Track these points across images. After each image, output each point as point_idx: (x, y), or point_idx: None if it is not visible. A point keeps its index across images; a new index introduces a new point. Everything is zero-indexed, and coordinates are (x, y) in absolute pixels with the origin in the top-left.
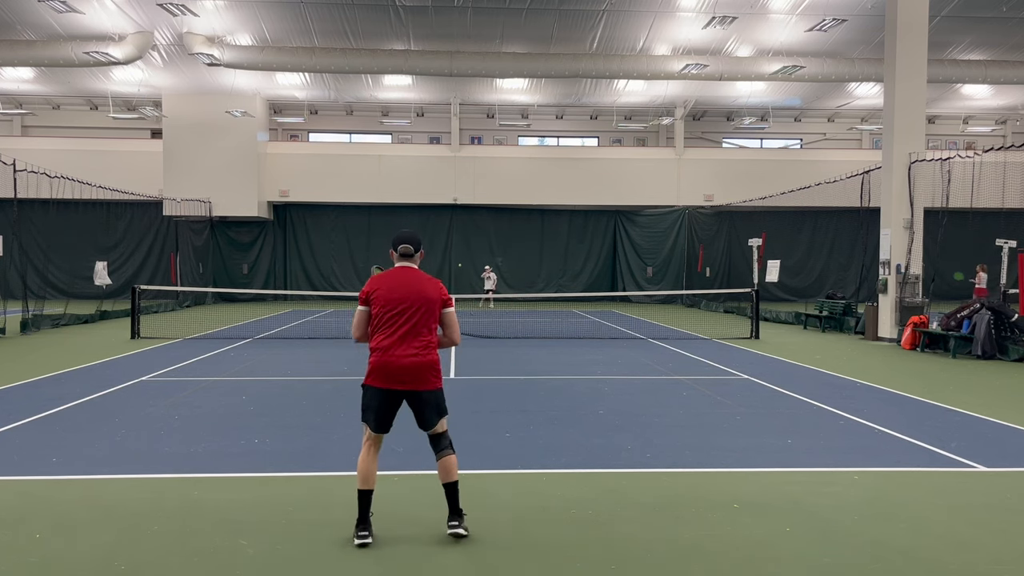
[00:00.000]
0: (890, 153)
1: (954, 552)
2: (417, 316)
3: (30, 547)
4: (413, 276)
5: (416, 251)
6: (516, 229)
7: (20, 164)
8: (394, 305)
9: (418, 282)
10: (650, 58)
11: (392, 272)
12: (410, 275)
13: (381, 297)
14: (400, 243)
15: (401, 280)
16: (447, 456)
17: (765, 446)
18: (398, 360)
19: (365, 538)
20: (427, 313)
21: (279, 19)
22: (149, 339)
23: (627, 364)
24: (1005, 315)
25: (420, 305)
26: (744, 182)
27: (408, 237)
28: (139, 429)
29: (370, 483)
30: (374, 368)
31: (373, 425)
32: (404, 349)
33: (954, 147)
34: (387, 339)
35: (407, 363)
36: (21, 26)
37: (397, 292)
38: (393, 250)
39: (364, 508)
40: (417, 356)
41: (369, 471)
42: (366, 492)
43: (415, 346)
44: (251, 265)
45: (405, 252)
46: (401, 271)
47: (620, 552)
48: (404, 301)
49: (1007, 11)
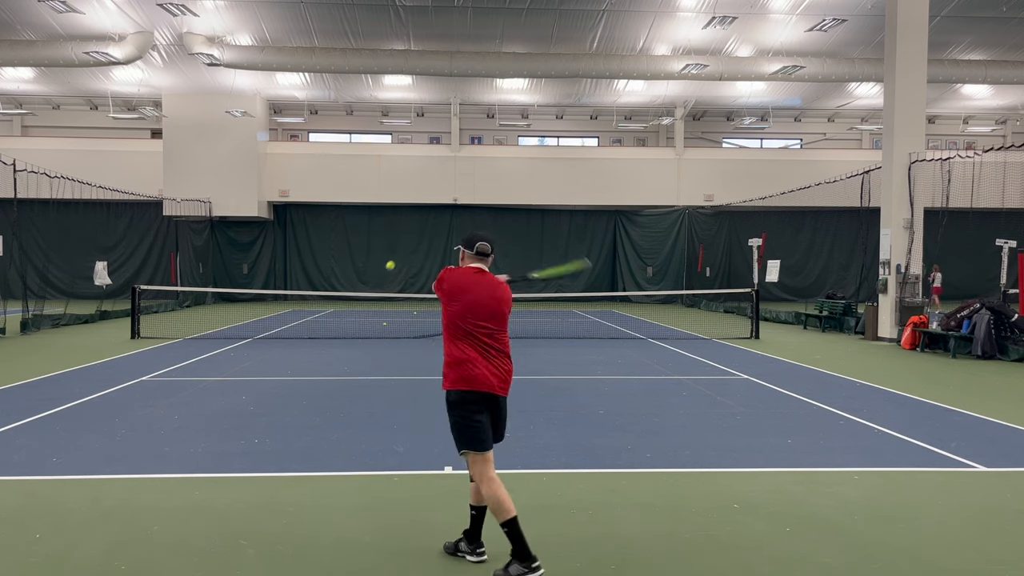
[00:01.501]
0: (890, 153)
1: (954, 552)
2: (501, 321)
3: (30, 547)
4: (492, 281)
5: (492, 252)
6: (516, 229)
7: (20, 164)
8: (479, 310)
9: (499, 287)
10: (650, 58)
11: (472, 274)
12: (491, 280)
13: (471, 303)
14: (478, 241)
15: (483, 284)
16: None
17: (765, 446)
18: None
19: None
20: (506, 318)
21: (279, 19)
22: (149, 339)
23: (627, 364)
24: (1005, 315)
25: (504, 311)
26: (744, 182)
27: (486, 236)
28: (139, 429)
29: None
30: (469, 377)
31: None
32: (497, 359)
33: (954, 147)
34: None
35: (505, 370)
36: (21, 26)
37: (477, 297)
38: (465, 248)
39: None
40: (508, 362)
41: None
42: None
43: (504, 351)
44: (251, 265)
45: (483, 251)
46: (477, 274)
47: (620, 552)
48: (491, 307)
49: (1007, 11)
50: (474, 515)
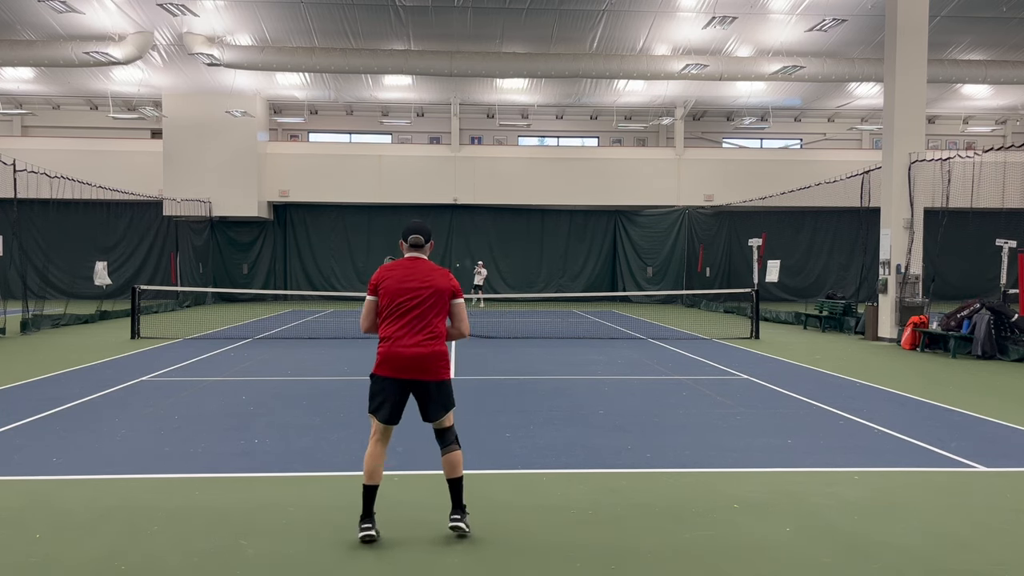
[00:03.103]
0: (890, 153)
1: (954, 552)
2: (426, 305)
3: (30, 547)
4: (423, 266)
5: (426, 242)
6: (516, 229)
7: (20, 164)
8: (403, 295)
9: (428, 272)
10: (650, 58)
11: (401, 262)
12: (420, 265)
13: (390, 287)
14: (410, 233)
15: (411, 270)
16: (452, 452)
17: (765, 446)
18: (407, 350)
19: (369, 530)
20: (436, 303)
21: (279, 19)
22: (149, 339)
23: (627, 364)
24: (1005, 315)
25: (429, 295)
26: (744, 182)
27: (418, 228)
28: (139, 429)
29: (376, 478)
30: (383, 357)
31: (383, 416)
32: (412, 338)
33: (954, 147)
34: (396, 329)
35: (415, 352)
36: (21, 26)
37: (407, 282)
38: (403, 241)
39: (369, 503)
40: (424, 346)
41: (376, 466)
42: (372, 487)
43: (423, 335)
44: (251, 265)
45: (415, 243)
46: (411, 261)
47: (620, 552)
48: (413, 291)
49: (1007, 11)
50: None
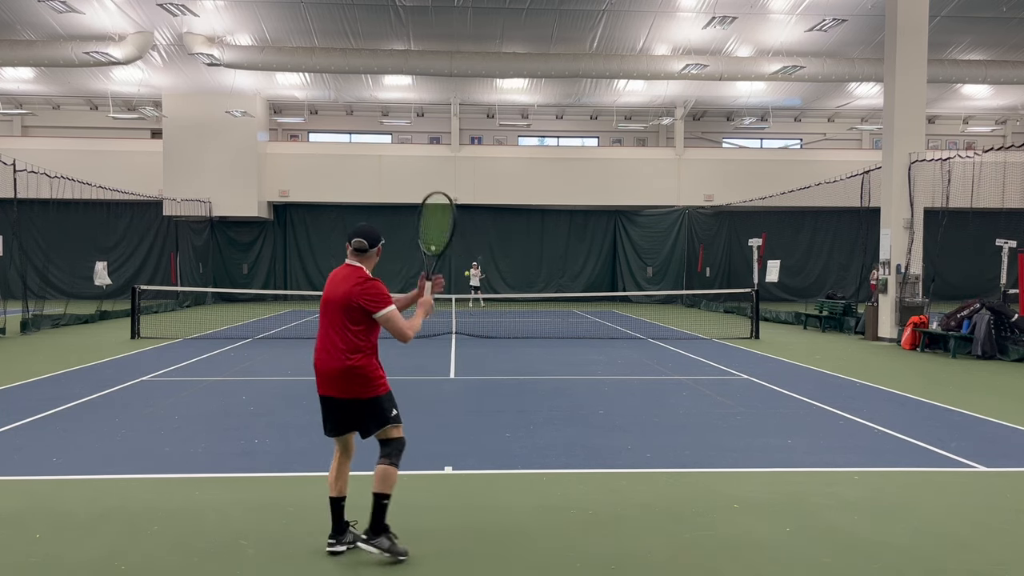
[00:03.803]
0: (890, 153)
1: (954, 552)
2: (333, 318)
3: (30, 547)
4: (343, 274)
5: (371, 247)
6: (516, 229)
7: (20, 164)
8: (322, 305)
9: (342, 281)
10: (650, 58)
11: (337, 268)
12: (343, 273)
13: (323, 297)
14: (353, 236)
15: (334, 279)
16: (382, 464)
17: (765, 446)
18: (320, 364)
19: (333, 545)
20: (345, 315)
21: (279, 19)
22: (149, 339)
23: (627, 364)
24: (1005, 315)
25: (336, 307)
26: (744, 182)
27: (363, 231)
28: (139, 429)
29: (334, 490)
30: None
31: (325, 429)
32: (322, 353)
33: (954, 147)
34: (317, 340)
35: (326, 368)
36: (21, 26)
37: (327, 292)
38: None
39: (334, 516)
40: (334, 361)
41: (331, 477)
42: (332, 499)
43: (334, 350)
44: (251, 265)
45: (358, 247)
46: (342, 268)
47: (620, 552)
48: (326, 302)
49: (1007, 11)
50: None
